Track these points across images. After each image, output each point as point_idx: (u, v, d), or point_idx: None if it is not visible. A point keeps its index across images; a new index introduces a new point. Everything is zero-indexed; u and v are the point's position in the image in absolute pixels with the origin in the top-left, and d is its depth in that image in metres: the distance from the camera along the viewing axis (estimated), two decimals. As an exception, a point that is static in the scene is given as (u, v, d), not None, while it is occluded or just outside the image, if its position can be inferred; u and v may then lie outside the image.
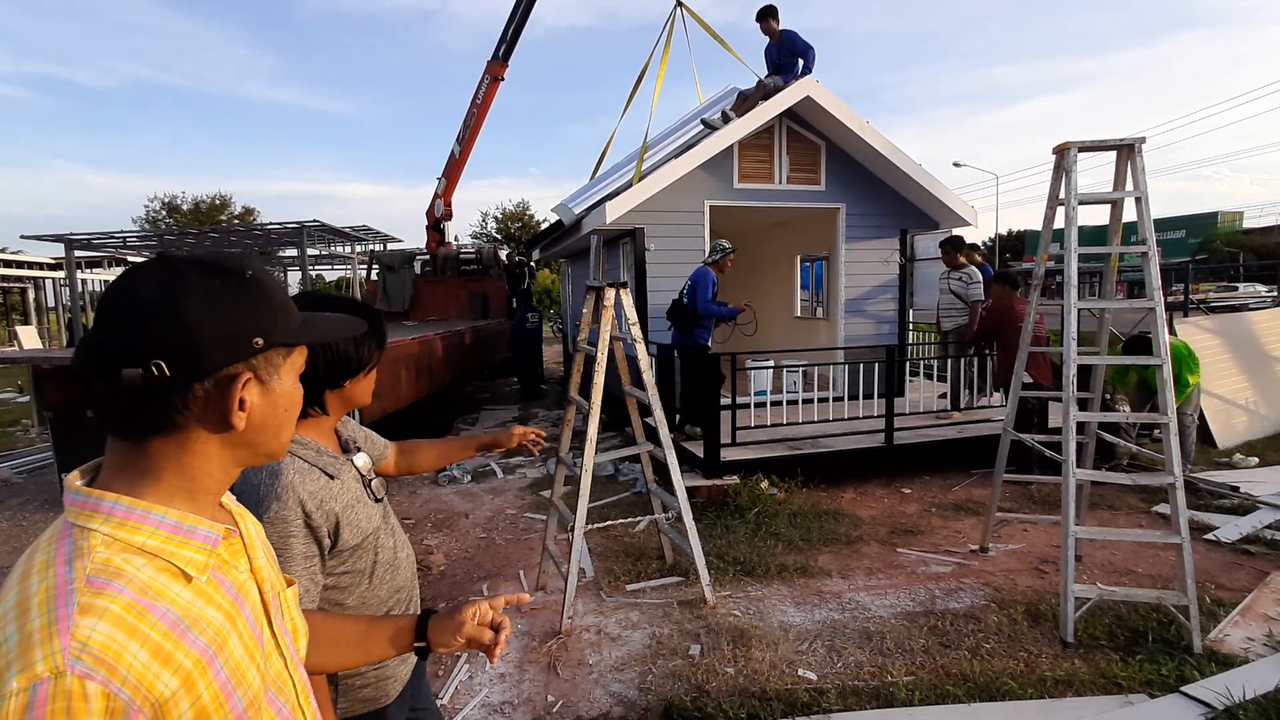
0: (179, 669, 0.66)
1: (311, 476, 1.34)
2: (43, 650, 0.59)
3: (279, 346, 0.78)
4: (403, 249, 14.88)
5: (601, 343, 3.59)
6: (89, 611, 0.62)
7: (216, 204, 37.69)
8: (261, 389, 0.76)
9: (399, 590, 1.52)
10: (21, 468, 7.16)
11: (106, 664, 0.61)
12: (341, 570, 1.38)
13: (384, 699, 1.48)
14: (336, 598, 1.40)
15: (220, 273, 0.73)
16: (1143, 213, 3.40)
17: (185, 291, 0.70)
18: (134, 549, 0.69)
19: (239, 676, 0.73)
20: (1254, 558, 4.12)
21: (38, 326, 22.63)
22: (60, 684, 0.58)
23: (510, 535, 4.93)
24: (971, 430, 6.07)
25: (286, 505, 1.28)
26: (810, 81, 7.18)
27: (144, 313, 0.69)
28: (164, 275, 0.71)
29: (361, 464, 1.48)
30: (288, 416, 0.82)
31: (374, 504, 1.47)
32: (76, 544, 0.67)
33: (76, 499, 0.71)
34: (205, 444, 0.75)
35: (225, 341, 0.72)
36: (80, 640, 0.61)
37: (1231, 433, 6.70)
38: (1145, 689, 2.83)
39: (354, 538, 1.37)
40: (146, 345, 0.68)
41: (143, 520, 0.71)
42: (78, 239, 13.78)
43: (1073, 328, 3.35)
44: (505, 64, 11.74)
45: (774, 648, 3.24)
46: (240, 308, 0.73)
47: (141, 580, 0.68)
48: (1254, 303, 15.36)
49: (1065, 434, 3.31)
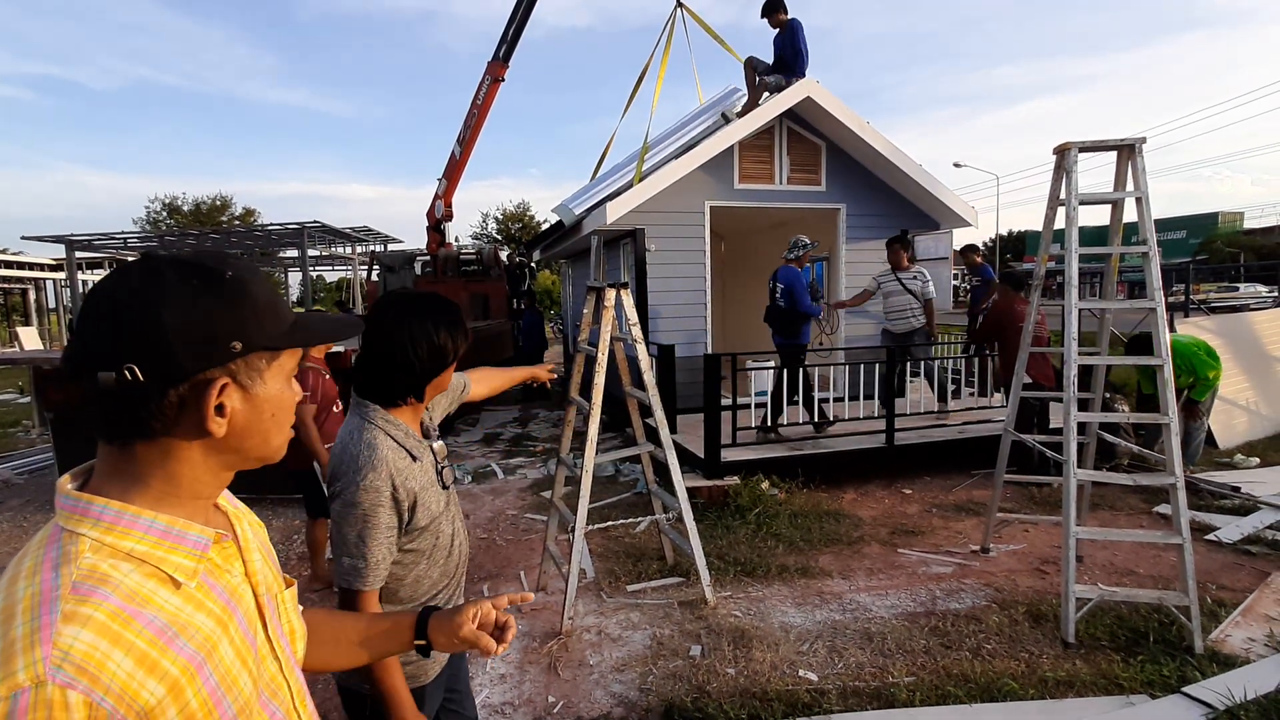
0: (165, 676, 0.65)
1: (399, 454, 1.43)
2: (24, 659, 0.59)
3: (261, 350, 0.75)
4: (403, 250, 14.90)
5: (602, 343, 3.59)
6: (72, 619, 0.62)
7: (217, 205, 37.70)
8: (243, 394, 0.74)
9: (449, 576, 1.60)
10: (22, 468, 7.16)
11: (89, 673, 0.60)
12: (409, 547, 1.47)
13: (423, 678, 1.54)
14: (397, 572, 1.48)
15: (199, 273, 0.71)
16: (1143, 213, 3.39)
17: (162, 294, 0.68)
18: (122, 554, 0.68)
19: (229, 682, 0.72)
20: (1255, 558, 4.12)
21: (38, 327, 22.66)
22: (41, 693, 0.58)
23: (511, 536, 4.93)
24: (972, 431, 6.07)
25: (380, 475, 1.38)
26: (811, 82, 7.18)
27: (119, 315, 0.68)
28: (142, 276, 0.69)
29: (438, 449, 1.57)
30: (276, 421, 0.79)
31: (442, 490, 1.55)
32: (65, 549, 0.67)
33: (67, 503, 0.70)
34: (188, 450, 0.73)
35: (200, 346, 0.69)
36: (62, 649, 0.60)
37: (1232, 433, 6.70)
38: (1146, 689, 2.83)
39: (424, 518, 1.47)
40: (121, 348, 0.67)
41: (132, 525, 0.70)
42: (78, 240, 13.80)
43: (1074, 328, 3.35)
44: (506, 65, 11.74)
45: (775, 648, 3.23)
46: (218, 311, 0.71)
47: (128, 586, 0.67)
48: (1255, 303, 15.35)
49: (1066, 434, 3.31)
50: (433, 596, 1.57)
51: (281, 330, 0.77)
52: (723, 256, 11.48)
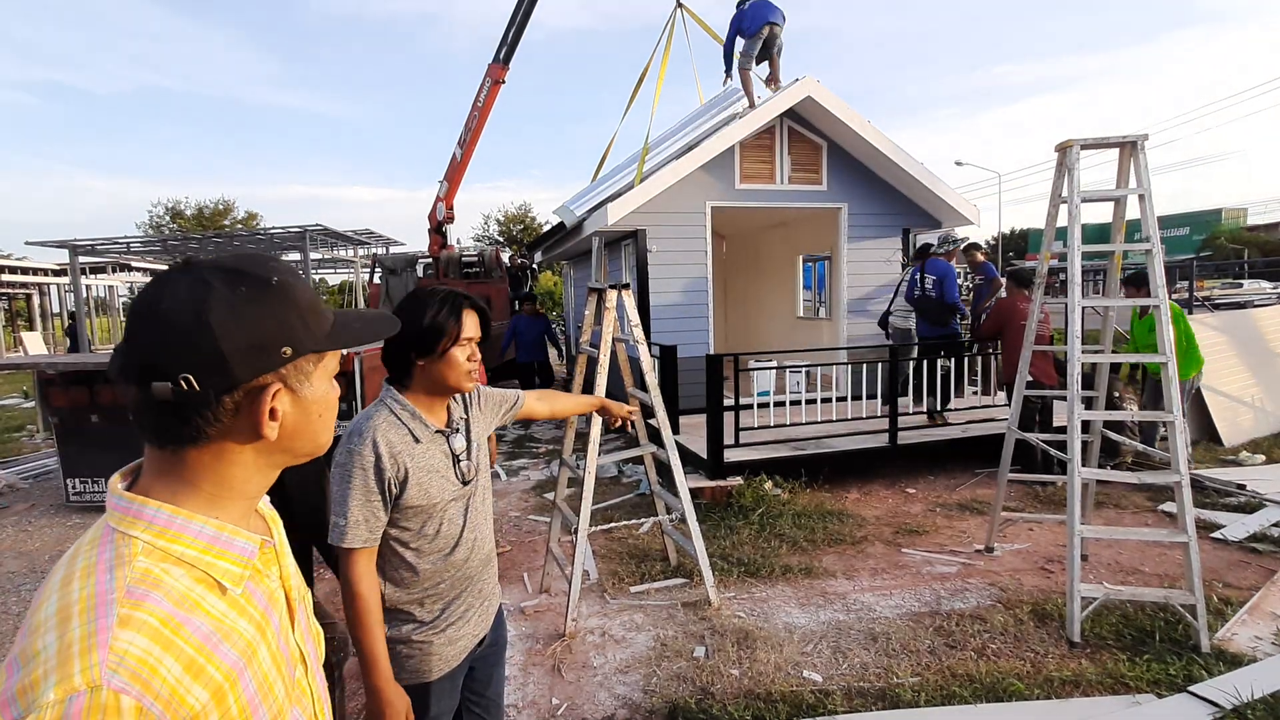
0: (210, 682, 0.66)
1: (396, 430, 1.53)
2: (81, 663, 0.59)
3: (309, 353, 0.77)
4: (405, 252, 14.89)
5: (604, 344, 3.59)
6: (128, 624, 0.63)
7: (220, 209, 37.81)
8: (293, 397, 0.76)
9: (461, 573, 1.62)
10: (27, 473, 7.18)
11: (142, 679, 0.61)
12: (404, 524, 1.55)
13: (427, 674, 1.57)
14: (405, 554, 1.56)
15: (246, 280, 0.72)
16: (1146, 210, 3.38)
17: (211, 303, 0.69)
18: (173, 558, 0.69)
19: (266, 689, 0.73)
20: (1261, 556, 4.10)
21: (42, 332, 22.73)
22: (96, 698, 0.58)
23: (514, 538, 4.92)
24: (976, 430, 6.05)
25: (365, 443, 1.50)
26: (812, 81, 7.18)
27: (171, 325, 0.68)
28: (190, 285, 0.70)
29: (456, 445, 1.63)
30: (323, 421, 0.81)
31: (459, 483, 1.60)
32: (118, 550, 0.68)
33: (120, 504, 0.71)
34: (240, 453, 0.75)
35: (253, 353, 0.71)
36: (118, 654, 0.61)
37: (1238, 430, 6.67)
38: (1153, 689, 2.82)
39: (420, 498, 1.53)
40: (175, 359, 0.68)
41: (183, 530, 0.71)
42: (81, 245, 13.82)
43: (1077, 326, 3.34)
44: (506, 67, 11.75)
45: (779, 649, 3.23)
46: (268, 317, 0.72)
47: (179, 591, 0.68)
48: (1259, 300, 15.27)
49: (1070, 433, 3.29)
50: (449, 604, 1.61)
51: (325, 331, 0.78)
52: (724, 256, 11.49)
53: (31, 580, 4.44)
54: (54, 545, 5.05)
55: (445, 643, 1.59)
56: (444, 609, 1.61)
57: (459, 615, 1.62)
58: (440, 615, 1.60)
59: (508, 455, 7.52)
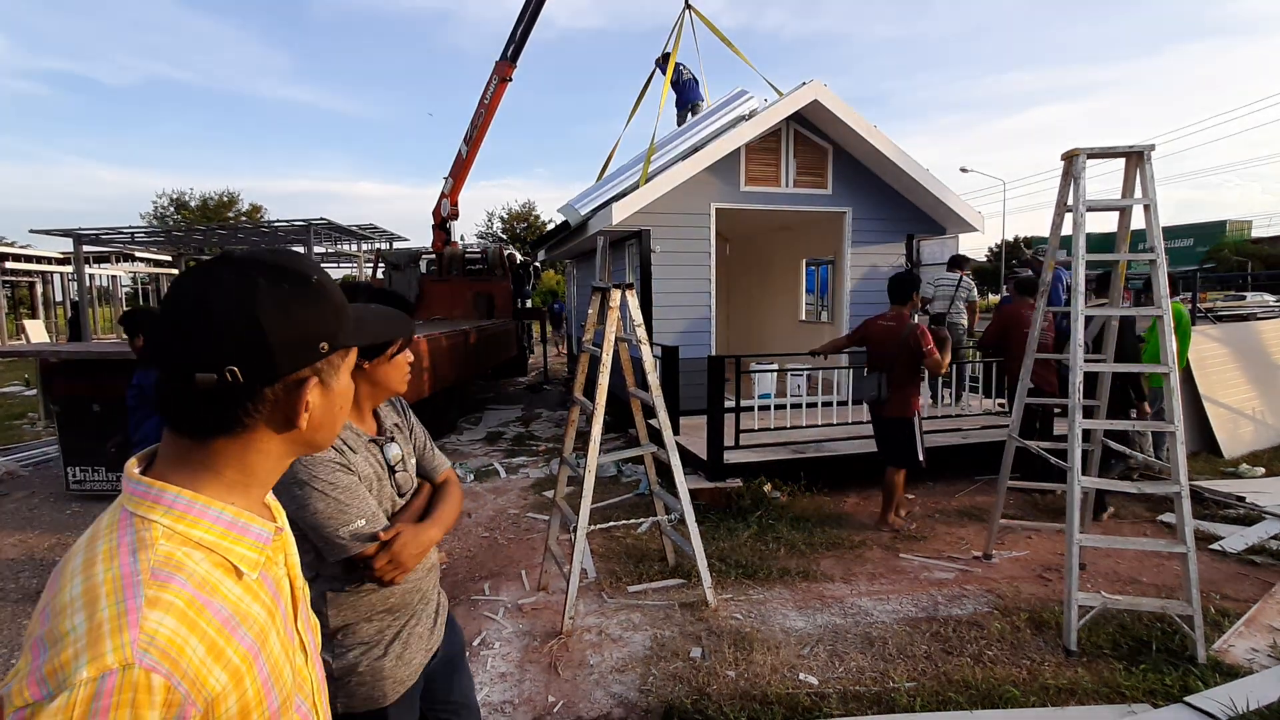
0: (229, 665, 0.67)
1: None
2: (113, 641, 0.60)
3: (341, 349, 0.80)
4: (409, 248, 14.90)
5: (606, 344, 3.59)
6: (156, 604, 0.64)
7: (224, 201, 37.81)
8: (323, 390, 0.78)
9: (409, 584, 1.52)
10: (27, 460, 7.20)
11: (170, 658, 0.62)
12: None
13: (382, 699, 1.48)
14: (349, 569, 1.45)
15: (288, 277, 0.74)
16: (1151, 220, 3.38)
17: (258, 298, 0.71)
18: (192, 543, 0.70)
19: (277, 674, 0.74)
20: (1259, 568, 4.10)
21: (45, 320, 22.77)
22: (128, 676, 0.59)
23: (513, 535, 4.93)
24: (976, 436, 6.05)
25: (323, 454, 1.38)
26: (818, 85, 7.18)
27: (220, 319, 0.69)
28: (236, 280, 0.71)
29: (391, 455, 1.53)
30: (342, 412, 0.84)
31: (395, 494, 1.52)
32: (139, 534, 0.68)
33: (138, 489, 0.72)
34: (268, 442, 0.77)
35: (297, 347, 0.73)
36: (149, 633, 0.62)
37: (1238, 442, 6.66)
38: (1149, 699, 2.82)
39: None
40: (221, 351, 0.69)
41: (202, 515, 0.72)
42: (86, 234, 13.85)
43: (1079, 334, 3.34)
44: (513, 65, 11.76)
45: (775, 651, 3.23)
46: (309, 313, 0.75)
47: (200, 574, 0.69)
48: (1261, 312, 15.27)
49: (1070, 441, 3.30)
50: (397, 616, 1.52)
51: (350, 328, 0.81)
52: (728, 258, 11.49)
53: (30, 567, 4.45)
54: (53, 533, 5.06)
55: (397, 664, 1.50)
56: (393, 624, 1.51)
57: (409, 630, 1.54)
58: (389, 633, 1.50)
59: (507, 453, 7.53)
